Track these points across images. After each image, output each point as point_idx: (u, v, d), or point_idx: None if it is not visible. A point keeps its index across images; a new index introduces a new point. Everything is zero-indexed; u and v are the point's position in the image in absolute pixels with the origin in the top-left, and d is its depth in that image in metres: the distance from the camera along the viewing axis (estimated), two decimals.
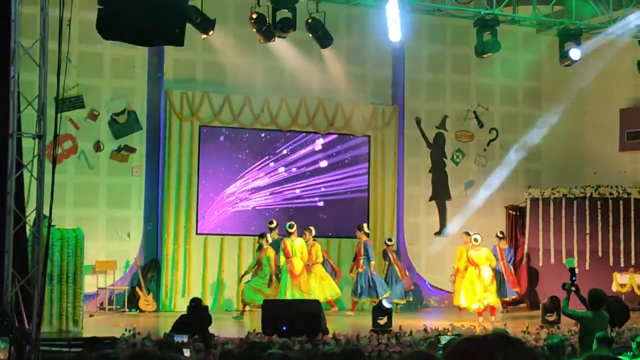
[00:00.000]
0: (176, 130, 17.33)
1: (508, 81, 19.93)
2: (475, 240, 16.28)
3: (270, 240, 16.03)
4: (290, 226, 16.21)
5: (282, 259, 15.98)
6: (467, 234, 17.00)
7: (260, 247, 16.14)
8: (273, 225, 16.55)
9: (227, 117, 17.63)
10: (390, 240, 17.67)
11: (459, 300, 16.41)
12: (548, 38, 18.43)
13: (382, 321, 13.49)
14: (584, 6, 15.45)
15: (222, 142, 17.73)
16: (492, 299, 16.09)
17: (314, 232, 16.64)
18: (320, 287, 16.24)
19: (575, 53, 15.90)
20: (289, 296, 15.60)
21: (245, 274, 16.36)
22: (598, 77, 19.58)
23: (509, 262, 17.84)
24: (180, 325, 11.92)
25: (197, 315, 12.14)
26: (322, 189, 18.36)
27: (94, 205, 16.84)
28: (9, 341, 8.57)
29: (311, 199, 18.30)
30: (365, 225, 17.27)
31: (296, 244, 16.11)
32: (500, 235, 17.98)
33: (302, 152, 18.24)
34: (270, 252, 15.86)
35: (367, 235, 17.12)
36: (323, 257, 16.66)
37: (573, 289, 12.21)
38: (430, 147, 19.35)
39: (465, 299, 16.14)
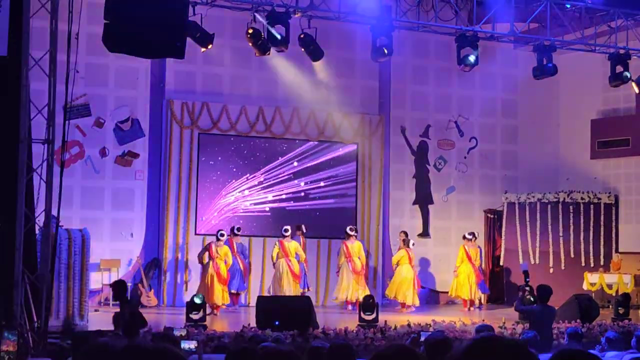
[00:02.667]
0: (177, 137, 17.31)
1: (487, 93, 19.97)
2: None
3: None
4: (351, 229, 16.98)
5: (342, 259, 16.80)
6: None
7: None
8: (353, 233, 17.00)
9: (225, 125, 17.63)
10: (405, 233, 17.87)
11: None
12: (524, 53, 18.48)
13: (369, 317, 13.50)
14: None
15: (219, 149, 17.72)
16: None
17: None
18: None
19: (550, 68, 15.92)
20: (350, 291, 16.55)
21: None
22: (570, 90, 19.67)
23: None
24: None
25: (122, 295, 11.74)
26: (313, 193, 18.37)
27: (99, 207, 16.82)
28: (17, 334, 8.54)
29: (303, 202, 18.29)
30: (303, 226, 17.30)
31: (355, 246, 16.82)
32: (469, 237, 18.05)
33: (295, 158, 18.25)
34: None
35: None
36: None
37: (527, 288, 12.53)
38: (414, 155, 19.38)
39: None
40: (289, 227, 16.60)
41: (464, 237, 17.92)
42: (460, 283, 17.70)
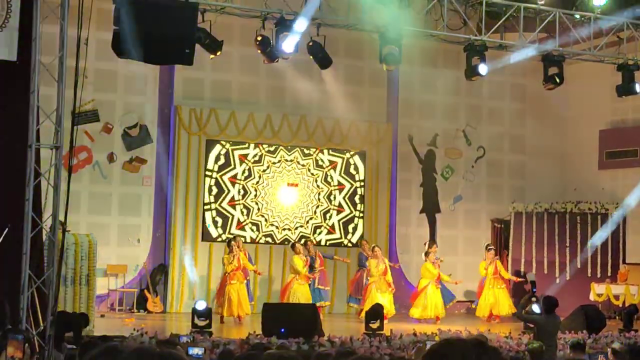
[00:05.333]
0: (184, 143, 17.35)
1: (495, 102, 19.98)
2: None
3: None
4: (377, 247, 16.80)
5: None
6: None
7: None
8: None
9: (232, 131, 17.67)
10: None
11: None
12: (533, 63, 18.45)
13: (375, 325, 13.49)
14: None
15: (227, 155, 17.75)
16: None
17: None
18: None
19: (558, 77, 15.91)
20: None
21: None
22: (579, 101, 19.64)
23: None
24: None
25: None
26: (320, 201, 18.36)
27: (106, 213, 16.86)
28: (23, 339, 8.56)
29: (309, 210, 18.29)
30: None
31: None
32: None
33: (302, 165, 18.26)
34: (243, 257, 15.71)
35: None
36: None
37: (534, 299, 12.63)
38: (421, 163, 19.39)
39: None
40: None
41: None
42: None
